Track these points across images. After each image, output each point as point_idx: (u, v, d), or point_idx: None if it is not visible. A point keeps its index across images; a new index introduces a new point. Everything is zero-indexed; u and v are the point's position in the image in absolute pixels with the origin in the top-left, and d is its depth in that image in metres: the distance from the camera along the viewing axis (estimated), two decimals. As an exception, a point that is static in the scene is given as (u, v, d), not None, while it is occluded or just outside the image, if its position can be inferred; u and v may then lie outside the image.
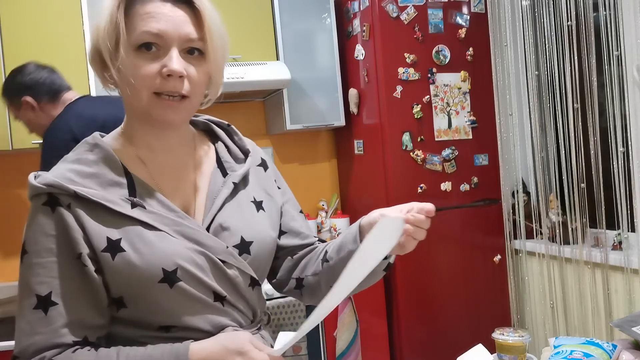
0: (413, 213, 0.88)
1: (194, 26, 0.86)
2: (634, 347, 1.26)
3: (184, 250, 0.86)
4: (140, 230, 0.85)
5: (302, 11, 2.91)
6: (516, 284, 2.89)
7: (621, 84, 2.23)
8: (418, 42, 2.71)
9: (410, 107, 2.70)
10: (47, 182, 0.83)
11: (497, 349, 1.33)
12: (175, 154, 0.95)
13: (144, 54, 0.84)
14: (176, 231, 0.87)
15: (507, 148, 2.85)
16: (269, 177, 1.05)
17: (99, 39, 0.85)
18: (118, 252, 0.83)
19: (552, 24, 2.49)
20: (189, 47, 0.86)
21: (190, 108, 0.90)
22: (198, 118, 1.04)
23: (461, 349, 1.37)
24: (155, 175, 0.92)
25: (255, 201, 0.98)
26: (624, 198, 2.22)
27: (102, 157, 0.89)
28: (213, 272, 0.88)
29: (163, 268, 0.83)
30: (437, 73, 2.74)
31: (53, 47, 2.42)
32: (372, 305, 2.71)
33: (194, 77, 0.86)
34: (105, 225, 0.84)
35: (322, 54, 2.96)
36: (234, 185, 0.96)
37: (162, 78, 0.84)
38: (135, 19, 0.84)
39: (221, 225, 0.92)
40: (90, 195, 0.84)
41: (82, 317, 0.83)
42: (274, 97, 2.99)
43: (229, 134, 1.05)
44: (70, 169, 0.87)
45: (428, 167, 2.72)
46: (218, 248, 0.89)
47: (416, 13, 2.70)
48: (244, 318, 0.94)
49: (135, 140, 0.93)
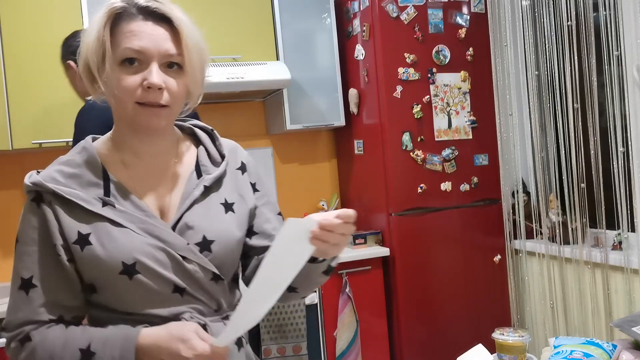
0: (325, 218, 0.90)
1: (173, 43, 0.94)
2: (634, 347, 1.26)
3: (145, 246, 0.95)
4: (108, 227, 0.95)
5: (302, 11, 2.91)
6: (516, 284, 2.89)
7: (621, 84, 2.23)
8: (418, 42, 2.71)
9: (410, 107, 2.70)
10: (33, 181, 0.96)
11: (497, 349, 1.33)
12: (158, 158, 1.04)
13: (127, 68, 0.93)
14: (141, 228, 0.96)
15: (507, 148, 2.85)
16: (244, 180, 1.11)
17: (88, 54, 0.95)
18: (86, 245, 0.94)
19: (552, 24, 2.49)
20: (168, 61, 0.95)
21: (171, 115, 0.98)
22: (184, 123, 1.12)
23: (461, 349, 1.37)
24: (135, 178, 1.01)
25: (225, 203, 1.05)
26: (624, 198, 2.22)
27: (86, 159, 1.00)
28: (173, 266, 0.97)
29: (122, 261, 0.93)
30: (437, 73, 2.74)
31: (53, 47, 2.42)
32: (372, 305, 2.71)
33: (173, 89, 0.95)
34: (78, 220, 0.95)
35: (322, 54, 2.96)
36: (205, 188, 1.04)
37: (143, 89, 0.93)
38: (120, 36, 0.93)
39: (186, 224, 1.00)
40: (65, 194, 0.95)
41: (57, 298, 0.95)
42: (274, 97, 2.99)
43: (212, 138, 1.12)
44: (57, 170, 0.99)
45: (428, 167, 2.72)
46: (179, 245, 0.97)
47: (416, 13, 2.70)
48: (206, 308, 1.01)
49: (122, 145, 1.02)
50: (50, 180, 0.96)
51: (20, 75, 2.37)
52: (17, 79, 2.37)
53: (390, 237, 2.70)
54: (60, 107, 2.43)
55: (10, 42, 2.36)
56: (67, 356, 0.91)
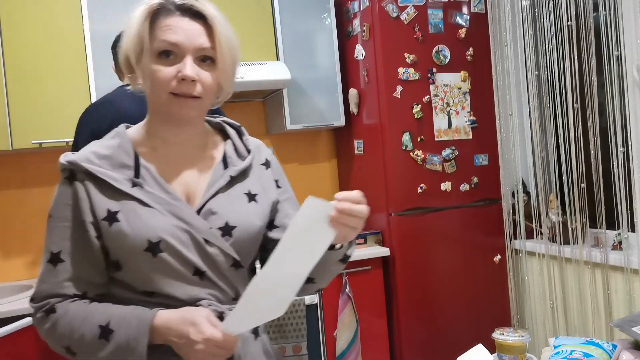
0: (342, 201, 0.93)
1: (207, 37, 1.00)
2: (634, 347, 1.26)
3: (170, 226, 0.99)
4: (136, 206, 0.99)
5: (302, 11, 2.91)
6: (516, 284, 2.89)
7: (621, 84, 2.23)
8: (418, 42, 2.71)
9: (410, 107, 2.70)
10: (69, 159, 1.01)
11: (497, 349, 1.33)
12: (186, 148, 1.09)
13: (163, 60, 0.99)
14: (167, 210, 1.00)
15: (507, 148, 2.85)
16: (269, 176, 1.17)
17: (127, 47, 1.01)
18: (114, 222, 0.98)
19: (552, 24, 2.49)
20: (201, 55, 1.00)
21: (203, 107, 1.04)
22: (214, 119, 1.18)
23: (461, 349, 1.37)
24: (164, 164, 1.06)
25: (249, 193, 1.10)
26: (624, 198, 2.22)
27: (119, 143, 1.05)
28: (195, 248, 1.01)
29: (148, 239, 0.97)
30: (437, 73, 2.74)
31: (53, 47, 2.42)
32: (372, 305, 2.71)
33: (205, 81, 1.00)
34: (108, 198, 1.00)
35: (322, 54, 2.96)
36: (230, 178, 1.08)
37: (177, 81, 0.98)
38: (157, 30, 0.99)
39: (210, 210, 1.04)
40: (97, 173, 1.00)
41: (83, 274, 1.00)
42: (274, 97, 2.99)
43: (239, 133, 1.18)
44: (91, 151, 1.03)
45: (428, 167, 2.72)
46: (202, 227, 1.01)
47: (416, 13, 2.70)
48: (224, 295, 1.04)
49: (153, 133, 1.08)
50: (84, 160, 1.01)
51: (20, 75, 2.37)
52: (17, 79, 2.37)
53: (390, 237, 2.70)
54: (60, 107, 2.43)
55: (10, 41, 2.36)
56: (86, 331, 0.96)
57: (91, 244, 1.00)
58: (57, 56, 2.42)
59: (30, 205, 2.66)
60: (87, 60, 2.46)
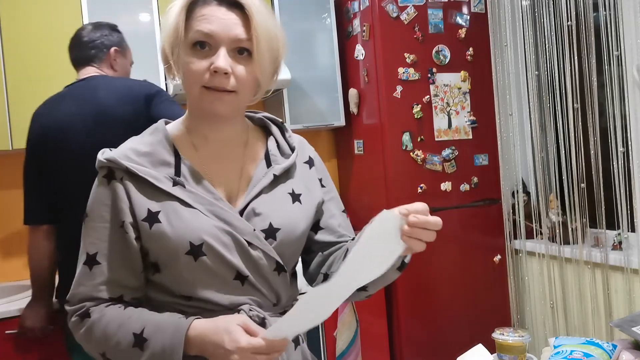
0: (415, 215, 0.88)
1: (244, 28, 0.94)
2: (634, 347, 1.26)
3: (213, 228, 0.95)
4: (177, 206, 0.95)
5: (302, 11, 2.91)
6: (516, 284, 2.89)
7: (621, 84, 2.23)
8: (418, 42, 2.71)
9: (410, 107, 2.70)
10: (107, 157, 0.97)
11: (497, 349, 1.33)
12: (227, 145, 1.04)
13: (198, 52, 0.94)
14: (209, 210, 0.96)
15: (507, 148, 2.85)
16: (312, 175, 1.12)
17: (164, 39, 0.97)
18: (155, 222, 0.94)
19: (552, 24, 2.49)
20: (238, 47, 0.95)
21: (238, 102, 0.98)
22: (256, 114, 1.14)
23: (461, 349, 1.37)
24: (205, 161, 1.02)
25: (293, 193, 1.05)
26: (624, 198, 2.22)
27: (159, 139, 1.01)
28: (238, 251, 0.96)
29: (190, 241, 0.93)
30: (437, 73, 2.74)
31: (53, 47, 2.42)
32: (372, 305, 2.71)
33: (240, 75, 0.95)
34: (148, 198, 0.96)
35: (322, 54, 2.96)
36: (274, 177, 1.04)
37: (210, 74, 0.93)
38: (193, 21, 0.94)
39: (254, 211, 1.00)
40: (138, 172, 0.96)
41: (119, 277, 0.96)
42: (274, 97, 2.99)
43: (282, 130, 1.13)
44: (130, 148, 0.99)
45: (428, 167, 2.72)
46: (245, 230, 0.97)
47: (416, 13, 2.70)
48: (265, 300, 1.00)
49: (193, 129, 1.03)
50: (123, 157, 0.97)
51: (20, 75, 2.37)
52: (17, 79, 2.37)
53: (390, 237, 2.70)
54: (60, 107, 2.43)
55: (10, 41, 2.36)
56: (121, 338, 0.92)
57: (129, 246, 0.96)
58: (57, 56, 2.42)
59: (30, 205, 2.66)
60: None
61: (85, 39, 1.99)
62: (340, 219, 1.14)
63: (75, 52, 2.02)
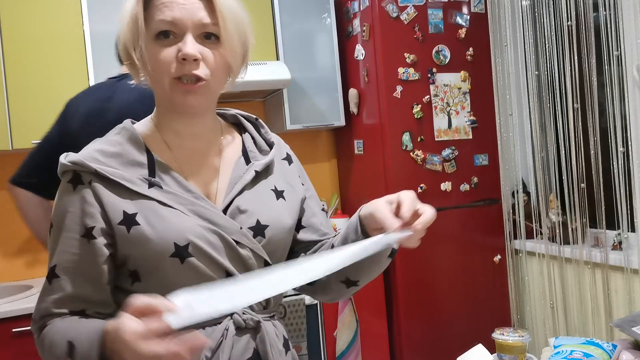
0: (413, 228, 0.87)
1: (208, 12, 0.89)
2: (634, 347, 1.26)
3: (197, 227, 0.89)
4: (156, 206, 0.89)
5: (302, 11, 2.91)
6: (516, 284, 2.89)
7: (621, 84, 2.23)
8: (418, 42, 2.71)
9: (410, 107, 2.70)
10: (72, 160, 0.90)
11: (497, 349, 1.33)
12: (201, 141, 0.99)
13: (162, 42, 0.89)
14: (191, 210, 0.90)
15: (507, 148, 2.85)
16: (292, 171, 1.09)
17: (124, 33, 0.91)
18: (133, 225, 0.87)
19: (552, 24, 2.49)
20: (204, 32, 0.89)
21: (210, 92, 0.92)
22: (227, 112, 1.10)
23: (461, 349, 1.37)
24: (179, 159, 0.97)
25: (275, 190, 1.02)
26: (624, 198, 2.22)
27: (127, 138, 0.94)
28: (226, 251, 0.91)
29: (175, 242, 0.87)
30: (437, 73, 2.74)
31: (53, 47, 2.42)
32: (372, 305, 2.71)
33: (210, 60, 0.90)
34: (122, 199, 0.89)
35: (322, 54, 2.96)
36: (256, 173, 1.00)
37: (178, 62, 0.88)
38: (153, 10, 0.89)
39: (238, 208, 0.95)
40: (109, 174, 0.89)
41: (80, 291, 0.88)
42: (274, 97, 2.99)
43: (256, 127, 1.10)
44: (97, 149, 0.92)
45: (428, 167, 2.72)
46: (232, 228, 0.92)
47: (416, 13, 2.70)
48: (256, 303, 0.95)
49: (163, 126, 0.98)
50: (90, 159, 0.90)
51: (20, 75, 2.37)
52: (17, 79, 2.37)
53: (390, 237, 2.70)
54: (60, 107, 2.43)
55: (10, 42, 2.36)
56: (60, 347, 0.84)
57: (96, 256, 0.88)
58: (57, 56, 2.42)
59: (30, 205, 2.66)
60: (87, 60, 2.46)
61: None
62: (321, 217, 1.11)
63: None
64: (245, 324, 0.93)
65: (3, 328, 2.06)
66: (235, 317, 0.93)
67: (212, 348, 0.90)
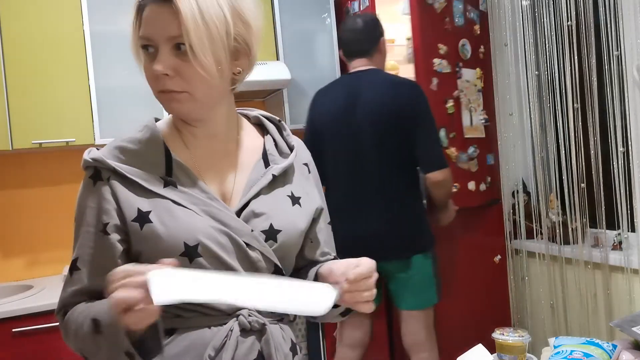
0: (349, 282, 0.88)
1: (176, 24, 0.87)
2: (634, 347, 1.26)
3: (208, 228, 0.91)
4: (170, 205, 0.91)
5: (302, 11, 2.91)
6: (516, 284, 2.89)
7: (621, 84, 2.23)
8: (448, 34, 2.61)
9: (443, 102, 2.62)
10: (93, 157, 0.93)
11: (497, 349, 1.33)
12: (217, 141, 1.00)
13: (147, 56, 0.91)
14: (203, 210, 0.92)
15: (507, 148, 2.85)
16: (309, 179, 1.09)
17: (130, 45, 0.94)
18: (146, 222, 0.90)
19: (552, 24, 2.49)
20: (175, 43, 0.88)
21: (195, 101, 0.91)
22: (251, 112, 1.11)
23: (461, 349, 1.37)
24: (197, 159, 0.98)
25: (292, 196, 1.01)
26: (624, 198, 2.22)
27: (148, 137, 0.96)
28: (236, 253, 0.92)
29: (185, 242, 0.89)
30: (462, 68, 2.67)
31: (53, 47, 2.42)
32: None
33: (185, 73, 0.89)
34: (138, 196, 0.91)
35: (322, 54, 2.95)
36: (273, 177, 1.00)
37: (154, 78, 0.90)
38: (141, 24, 0.91)
39: (253, 212, 0.96)
40: (126, 172, 0.91)
41: (99, 283, 0.88)
42: (274, 97, 2.98)
43: (279, 129, 1.09)
44: (118, 146, 0.95)
45: (459, 166, 2.63)
46: (243, 230, 0.93)
47: (445, 3, 2.58)
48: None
49: (180, 126, 1.00)
50: (110, 156, 0.93)
51: (20, 75, 2.37)
52: (17, 78, 2.37)
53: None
54: (60, 107, 2.43)
55: (10, 41, 2.36)
56: (85, 328, 0.87)
57: (112, 251, 0.91)
58: (57, 56, 2.42)
59: (30, 205, 2.66)
60: (87, 60, 2.46)
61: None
62: (325, 234, 1.10)
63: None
64: (250, 326, 0.93)
65: (3, 328, 2.06)
66: (240, 318, 0.93)
67: (216, 347, 0.91)
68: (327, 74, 2.95)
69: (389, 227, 2.19)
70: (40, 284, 2.41)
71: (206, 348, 0.90)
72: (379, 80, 2.21)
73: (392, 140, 2.16)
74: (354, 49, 2.28)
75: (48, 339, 2.06)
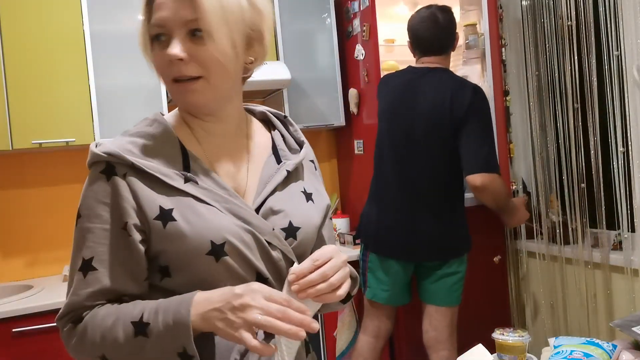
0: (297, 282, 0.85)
1: (192, 8, 0.84)
2: (634, 347, 1.26)
3: (233, 226, 0.87)
4: (193, 203, 0.87)
5: (302, 11, 2.91)
6: (516, 284, 2.89)
7: (621, 84, 2.23)
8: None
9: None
10: (107, 151, 0.87)
11: (497, 349, 1.33)
12: (228, 137, 0.97)
13: (159, 44, 0.88)
14: (225, 208, 0.88)
15: (507, 148, 2.85)
16: (317, 176, 1.09)
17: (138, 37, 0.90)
18: (169, 220, 0.85)
19: (552, 24, 2.49)
20: (190, 29, 0.86)
21: (211, 87, 0.89)
22: (256, 108, 1.08)
23: (461, 349, 1.37)
24: (210, 155, 0.95)
25: (305, 192, 1.00)
26: (624, 198, 2.22)
27: (161, 132, 0.92)
28: (259, 251, 0.90)
29: (212, 240, 0.85)
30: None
31: (53, 47, 2.42)
32: (372, 305, 2.70)
33: (200, 57, 0.86)
34: (159, 194, 0.87)
35: (322, 54, 2.96)
36: (287, 173, 0.98)
37: (169, 65, 0.86)
38: (153, 12, 0.88)
39: (271, 209, 0.93)
40: (145, 168, 0.86)
41: (118, 285, 0.86)
42: (274, 97, 2.98)
43: (285, 124, 1.08)
44: (130, 141, 0.90)
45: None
46: (264, 229, 0.90)
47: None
48: None
49: (189, 122, 0.96)
50: (126, 151, 0.87)
51: (20, 75, 2.37)
52: (17, 79, 2.37)
53: (390, 237, 2.69)
54: (60, 107, 2.43)
55: (10, 42, 2.36)
56: (119, 332, 0.82)
57: (133, 250, 0.86)
58: (57, 56, 2.42)
59: (30, 205, 2.66)
60: (87, 60, 2.46)
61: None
62: (328, 231, 1.08)
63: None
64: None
65: (3, 328, 2.06)
66: None
67: (241, 352, 0.89)
68: (327, 74, 2.95)
69: (437, 231, 2.23)
70: (40, 284, 2.41)
71: (231, 352, 0.89)
72: (443, 79, 2.18)
73: (441, 141, 2.14)
74: (430, 48, 2.22)
75: (48, 339, 2.06)
